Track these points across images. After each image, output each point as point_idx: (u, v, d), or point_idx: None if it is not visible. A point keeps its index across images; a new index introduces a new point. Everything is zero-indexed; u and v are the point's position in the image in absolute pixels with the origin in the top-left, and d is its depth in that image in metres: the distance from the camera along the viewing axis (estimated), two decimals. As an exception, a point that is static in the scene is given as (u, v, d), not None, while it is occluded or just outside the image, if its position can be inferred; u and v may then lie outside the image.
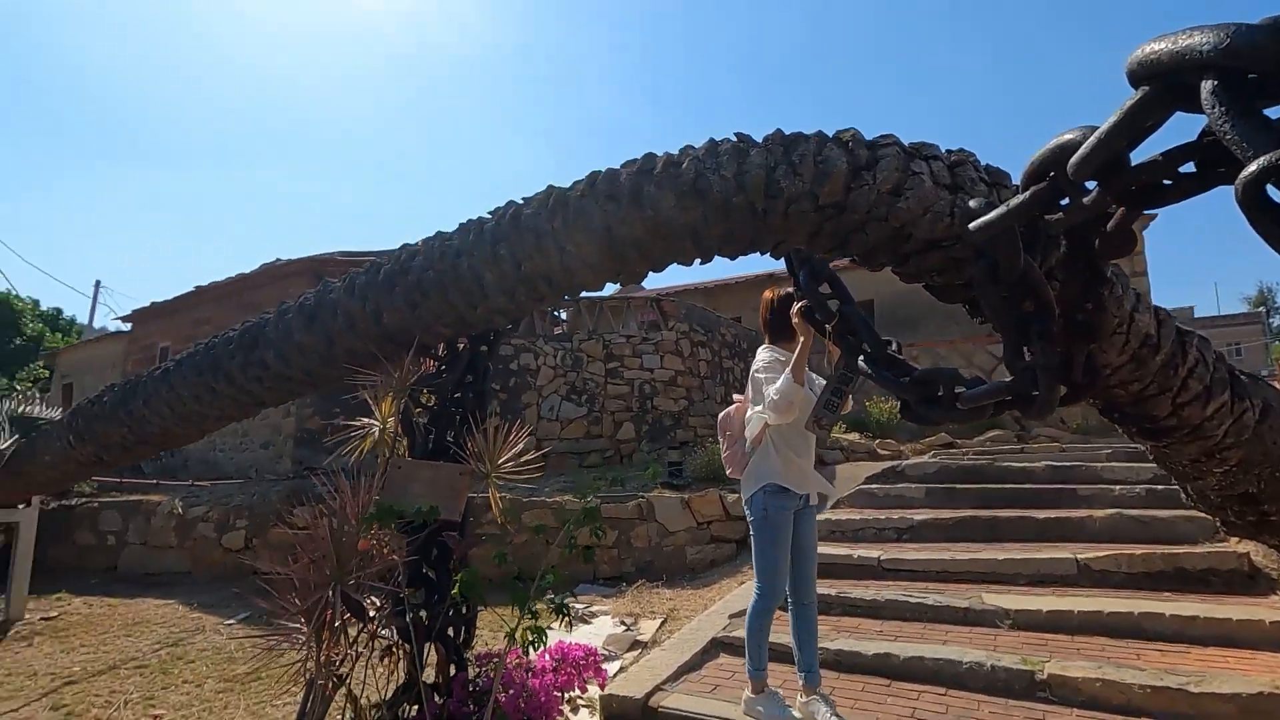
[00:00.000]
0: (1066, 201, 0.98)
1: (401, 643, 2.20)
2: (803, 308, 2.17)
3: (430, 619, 2.24)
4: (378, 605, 2.14)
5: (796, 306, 2.27)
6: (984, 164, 1.60)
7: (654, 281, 14.74)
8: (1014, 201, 1.03)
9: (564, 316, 10.40)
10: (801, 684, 2.61)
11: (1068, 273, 1.21)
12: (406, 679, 2.21)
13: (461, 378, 2.52)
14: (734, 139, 1.75)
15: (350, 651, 2.08)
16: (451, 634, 2.34)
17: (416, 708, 2.15)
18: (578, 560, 2.33)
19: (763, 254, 1.91)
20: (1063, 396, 1.27)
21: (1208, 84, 0.64)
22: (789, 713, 2.57)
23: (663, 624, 4.23)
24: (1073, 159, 0.86)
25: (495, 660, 2.25)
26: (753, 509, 2.66)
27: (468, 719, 2.15)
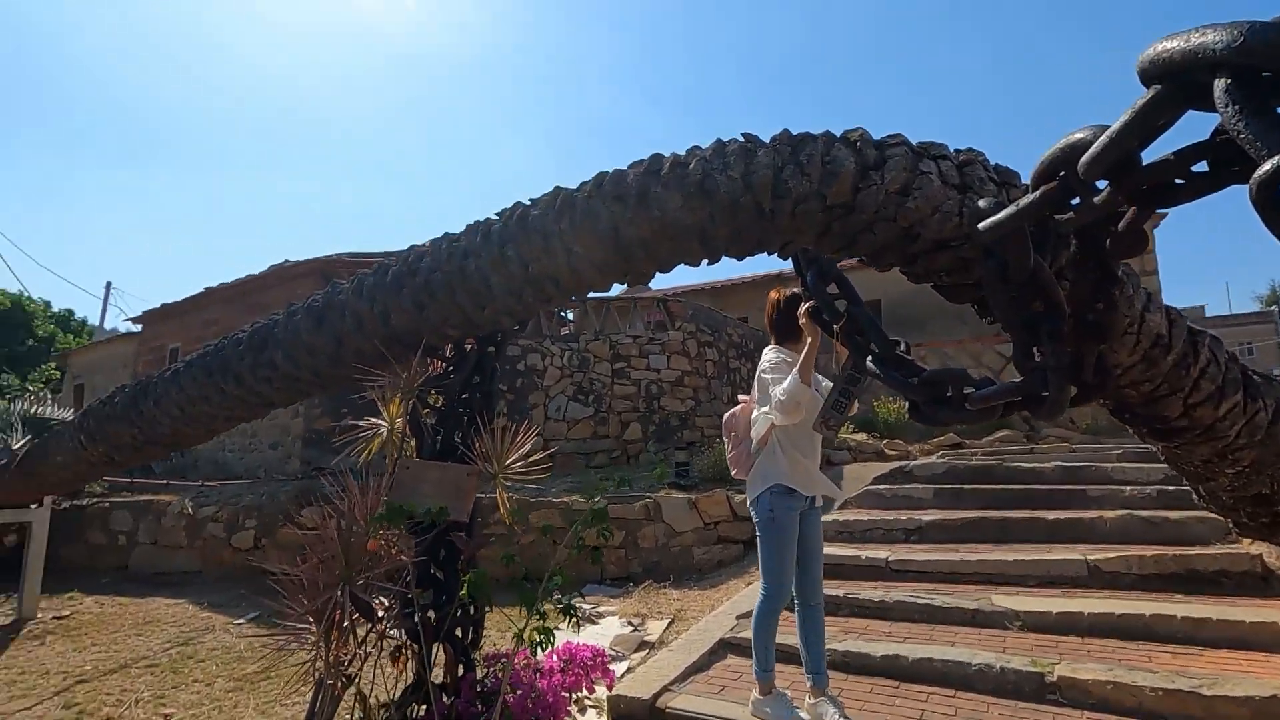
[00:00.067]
0: (1077, 201, 0.97)
1: (410, 643, 2.21)
2: (810, 308, 2.17)
3: (438, 619, 2.25)
4: (386, 606, 2.15)
5: (804, 307, 2.26)
6: (993, 163, 1.60)
7: (661, 282, 14.74)
8: (1024, 201, 1.02)
9: (571, 317, 10.40)
10: (809, 685, 2.60)
11: (1078, 272, 1.20)
12: (415, 679, 2.22)
13: (469, 378, 2.53)
14: (741, 139, 1.75)
15: (359, 651, 2.08)
16: (459, 634, 2.35)
17: (425, 708, 2.16)
18: (585, 561, 2.33)
19: (770, 254, 1.90)
20: (1073, 397, 1.27)
21: (1221, 82, 0.63)
22: (797, 714, 2.56)
23: (670, 625, 4.22)
24: (1083, 158, 0.85)
25: (503, 661, 2.25)
26: (759, 510, 2.65)
27: (476, 719, 2.16)
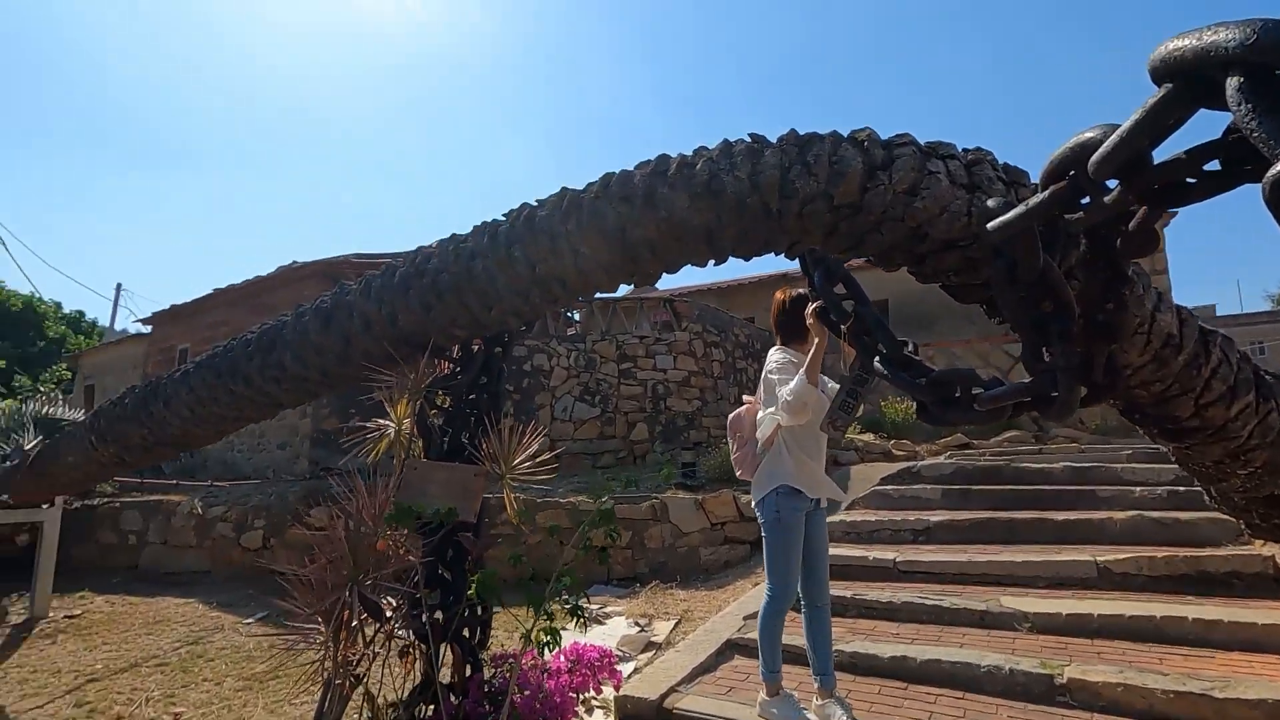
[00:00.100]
0: (1087, 200, 0.96)
1: (417, 643, 2.21)
2: (817, 308, 2.16)
3: (446, 620, 2.26)
4: (394, 606, 2.16)
5: (811, 307, 2.26)
6: (1001, 163, 1.59)
7: (667, 282, 14.72)
8: (1033, 201, 1.02)
9: (577, 317, 10.41)
10: (817, 687, 2.59)
11: (1088, 272, 1.19)
12: (423, 679, 2.22)
13: (476, 379, 2.54)
14: (748, 139, 1.75)
15: (367, 651, 2.09)
16: (467, 635, 2.35)
17: (433, 708, 2.17)
18: (592, 561, 2.34)
19: (777, 255, 1.90)
20: (1083, 398, 1.25)
21: (1234, 80, 0.63)
22: (804, 715, 2.55)
23: (677, 625, 4.22)
24: (1093, 158, 0.85)
25: (511, 661, 2.26)
26: (765, 511, 2.65)
27: (483, 719, 2.16)
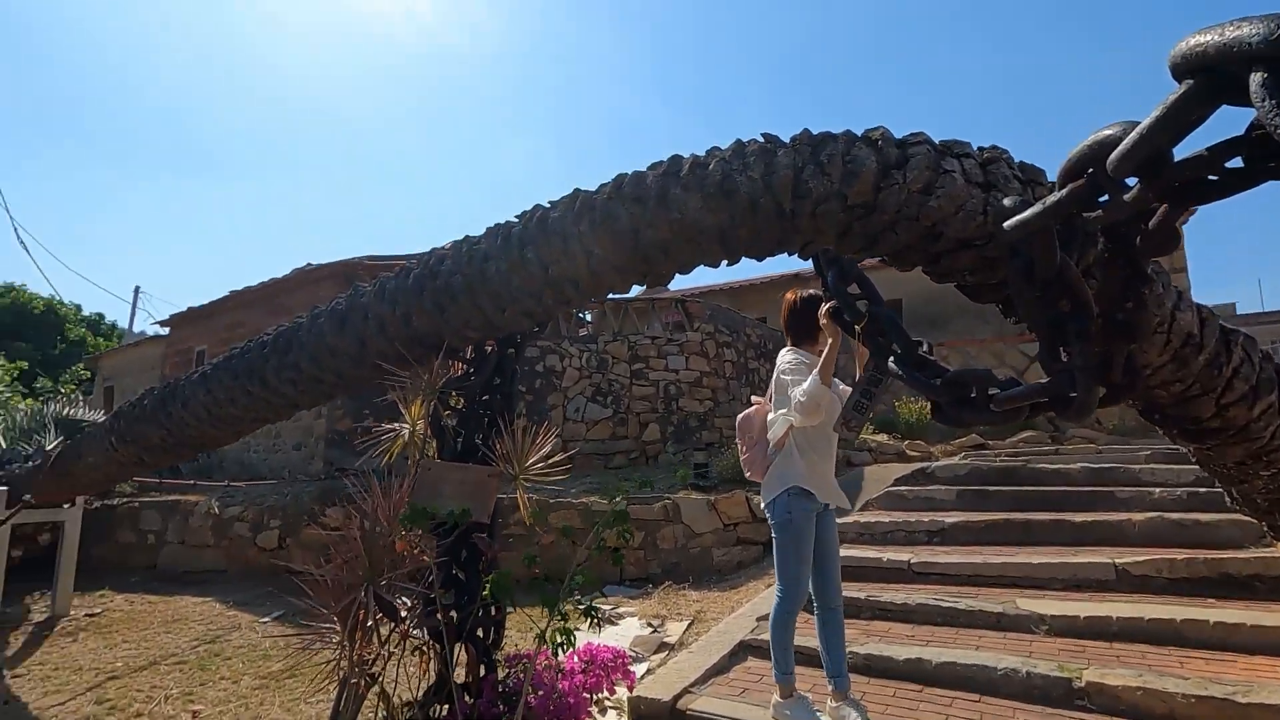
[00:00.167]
0: (1106, 198, 0.95)
1: (432, 643, 2.22)
2: (831, 308, 2.15)
3: (460, 620, 2.27)
4: (409, 606, 2.17)
5: (825, 307, 2.25)
6: (1018, 161, 1.57)
7: (679, 282, 14.68)
8: (1050, 199, 1.01)
9: (589, 318, 10.42)
10: (831, 689, 2.58)
11: (1107, 271, 1.18)
12: (437, 679, 2.24)
13: (489, 380, 2.55)
14: (760, 139, 1.74)
15: (382, 651, 2.11)
16: (481, 635, 2.36)
17: (447, 707, 2.18)
18: (605, 562, 2.34)
19: (790, 255, 1.89)
20: (1102, 398, 1.24)
21: (1257, 76, 0.62)
22: (818, 718, 2.54)
23: (689, 626, 4.21)
24: (1113, 155, 0.84)
25: (525, 662, 2.27)
26: (776, 512, 2.64)
27: (497, 719, 2.17)
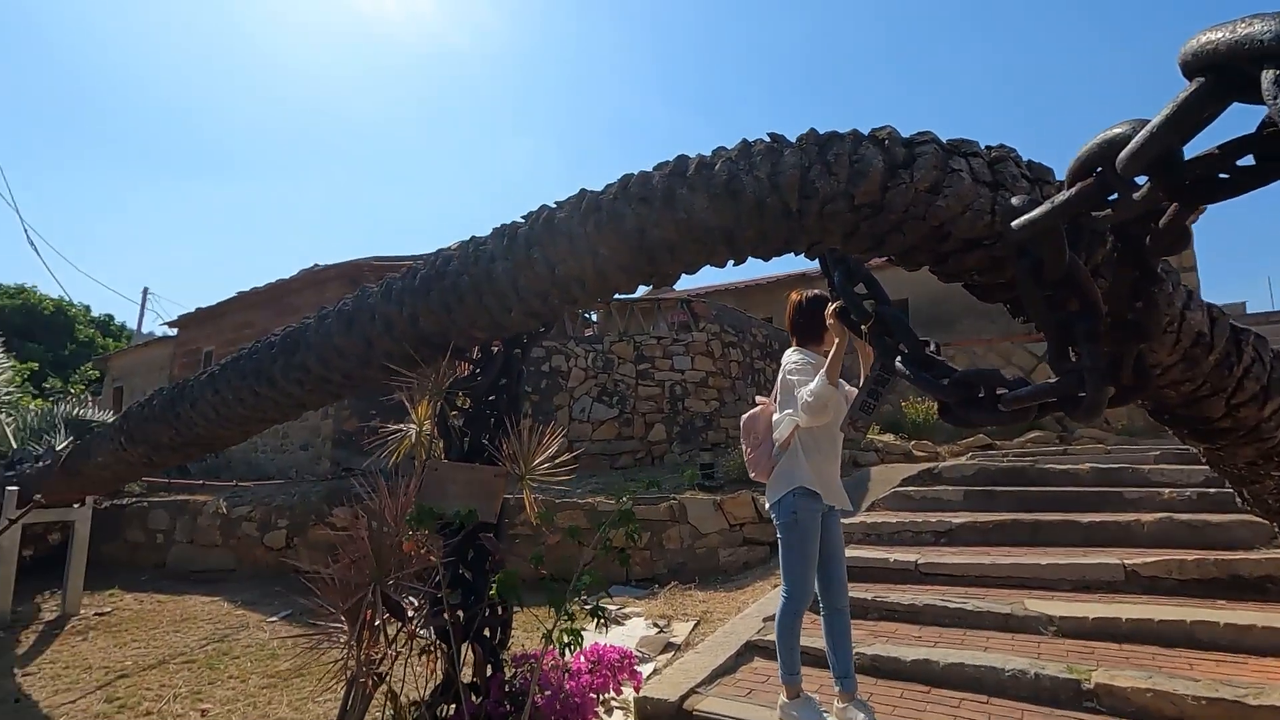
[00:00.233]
0: (1115, 197, 0.94)
1: (439, 643, 2.23)
2: (837, 308, 2.14)
3: (467, 620, 2.27)
4: (416, 606, 2.18)
5: (831, 307, 2.24)
6: (1026, 160, 1.57)
7: (685, 282, 14.70)
8: (1059, 198, 1.00)
9: (595, 318, 10.43)
10: (837, 690, 2.58)
11: (1116, 270, 1.17)
12: (444, 678, 2.24)
13: (496, 380, 2.55)
14: (767, 139, 1.74)
15: (389, 650, 2.11)
16: (488, 635, 2.37)
17: (454, 707, 2.18)
18: (611, 562, 2.34)
19: (797, 255, 1.89)
20: (1111, 398, 1.23)
21: (1270, 74, 0.61)
22: (825, 719, 2.54)
23: (696, 626, 4.21)
24: (1122, 154, 0.83)
25: (532, 661, 2.27)
26: (781, 512, 2.64)
27: (504, 719, 2.18)
